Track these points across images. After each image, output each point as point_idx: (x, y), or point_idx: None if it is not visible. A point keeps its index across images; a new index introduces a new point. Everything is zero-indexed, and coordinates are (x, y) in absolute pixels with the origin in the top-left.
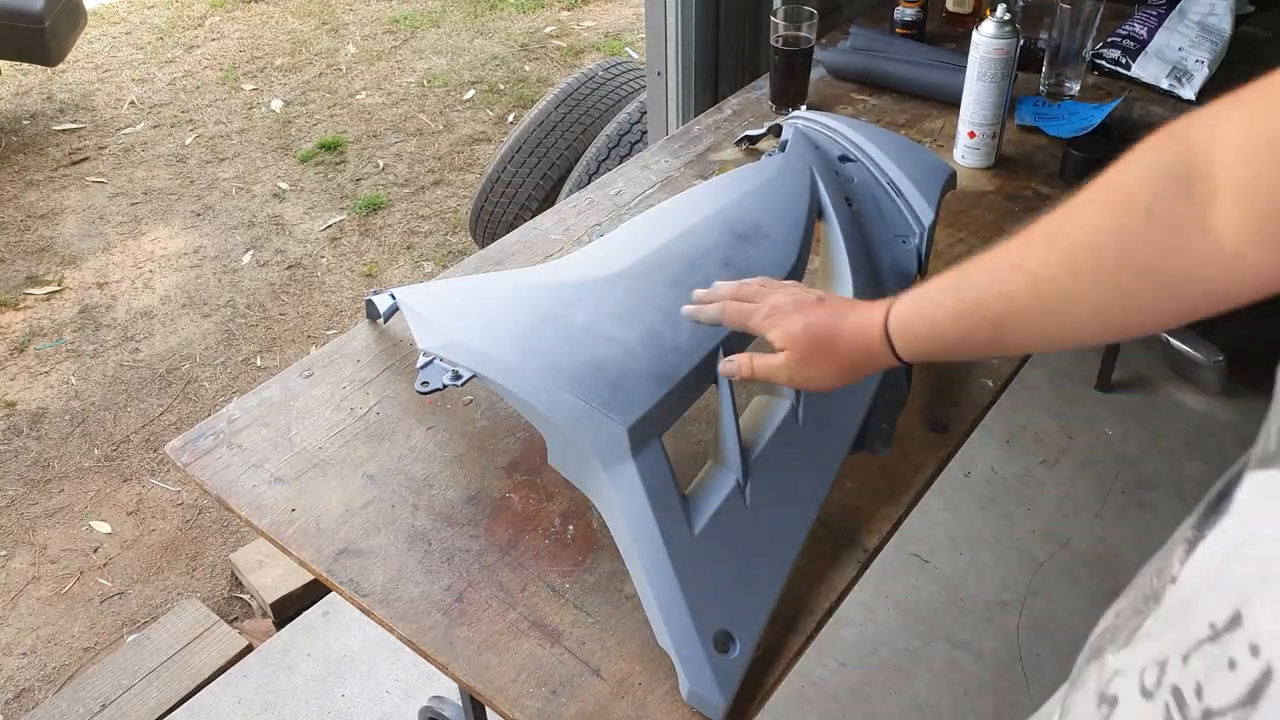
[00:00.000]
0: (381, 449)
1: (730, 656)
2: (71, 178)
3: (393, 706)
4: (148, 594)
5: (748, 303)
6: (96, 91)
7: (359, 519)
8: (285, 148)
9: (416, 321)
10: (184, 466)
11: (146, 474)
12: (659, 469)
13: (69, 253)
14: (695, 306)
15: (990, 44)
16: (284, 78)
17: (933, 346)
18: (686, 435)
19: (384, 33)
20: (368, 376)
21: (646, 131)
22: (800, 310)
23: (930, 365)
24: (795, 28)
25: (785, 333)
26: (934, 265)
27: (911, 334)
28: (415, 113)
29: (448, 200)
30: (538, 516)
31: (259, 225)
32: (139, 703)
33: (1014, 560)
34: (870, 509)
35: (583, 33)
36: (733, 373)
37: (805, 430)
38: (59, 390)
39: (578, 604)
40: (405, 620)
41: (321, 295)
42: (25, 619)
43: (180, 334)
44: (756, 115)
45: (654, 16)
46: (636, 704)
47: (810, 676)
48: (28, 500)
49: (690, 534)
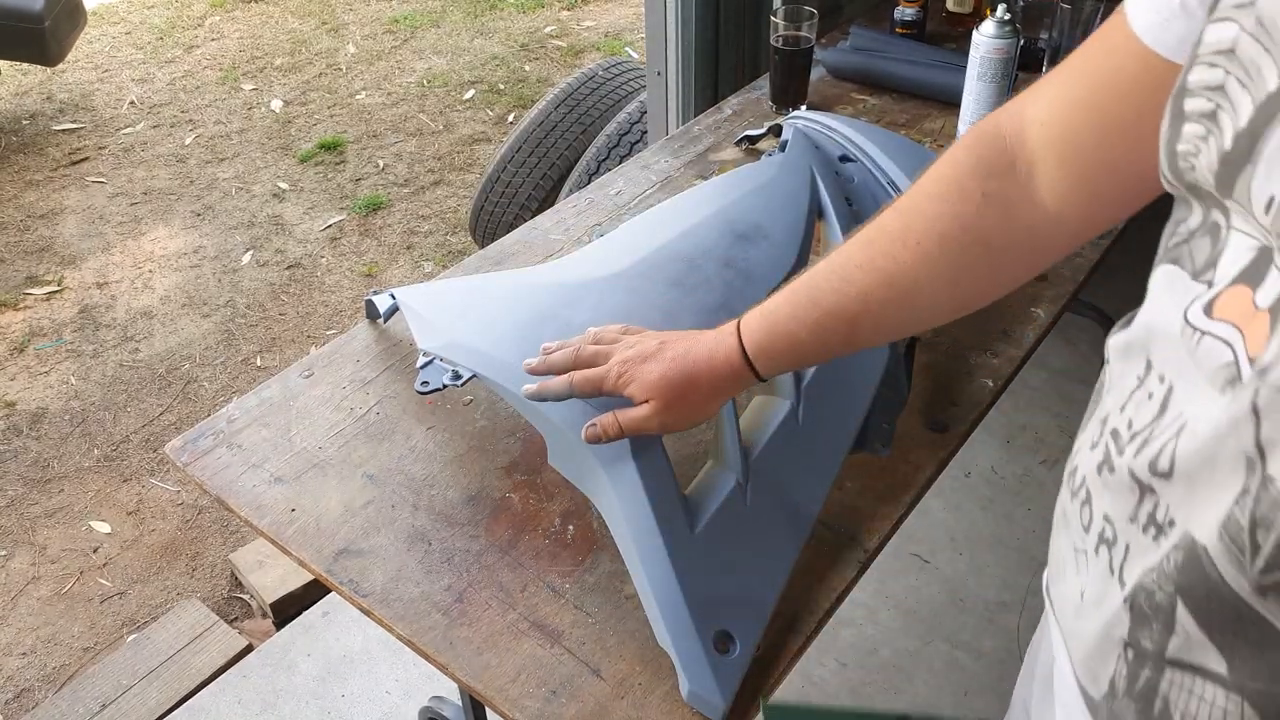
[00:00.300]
0: (381, 449)
1: (730, 657)
2: (71, 178)
3: (393, 706)
4: (148, 594)
5: (591, 367)
6: (96, 91)
7: (359, 519)
8: (285, 148)
9: (416, 321)
10: (184, 466)
11: (146, 474)
12: (659, 469)
13: (69, 253)
14: (538, 386)
15: (990, 44)
16: (284, 78)
17: (792, 359)
18: (686, 435)
19: (384, 33)
20: (368, 376)
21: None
22: (649, 360)
23: (931, 365)
24: (795, 28)
25: (644, 385)
26: None
27: (773, 352)
28: (415, 113)
29: (448, 200)
30: (538, 516)
31: (259, 225)
32: (139, 703)
33: (1014, 560)
34: (870, 509)
35: (583, 33)
36: (597, 436)
37: (805, 431)
38: (59, 390)
39: (578, 604)
40: (405, 620)
41: (321, 295)
42: (25, 619)
43: (180, 334)
44: (756, 115)
45: (654, 16)
46: (636, 704)
47: (810, 676)
48: (28, 500)
49: (690, 534)
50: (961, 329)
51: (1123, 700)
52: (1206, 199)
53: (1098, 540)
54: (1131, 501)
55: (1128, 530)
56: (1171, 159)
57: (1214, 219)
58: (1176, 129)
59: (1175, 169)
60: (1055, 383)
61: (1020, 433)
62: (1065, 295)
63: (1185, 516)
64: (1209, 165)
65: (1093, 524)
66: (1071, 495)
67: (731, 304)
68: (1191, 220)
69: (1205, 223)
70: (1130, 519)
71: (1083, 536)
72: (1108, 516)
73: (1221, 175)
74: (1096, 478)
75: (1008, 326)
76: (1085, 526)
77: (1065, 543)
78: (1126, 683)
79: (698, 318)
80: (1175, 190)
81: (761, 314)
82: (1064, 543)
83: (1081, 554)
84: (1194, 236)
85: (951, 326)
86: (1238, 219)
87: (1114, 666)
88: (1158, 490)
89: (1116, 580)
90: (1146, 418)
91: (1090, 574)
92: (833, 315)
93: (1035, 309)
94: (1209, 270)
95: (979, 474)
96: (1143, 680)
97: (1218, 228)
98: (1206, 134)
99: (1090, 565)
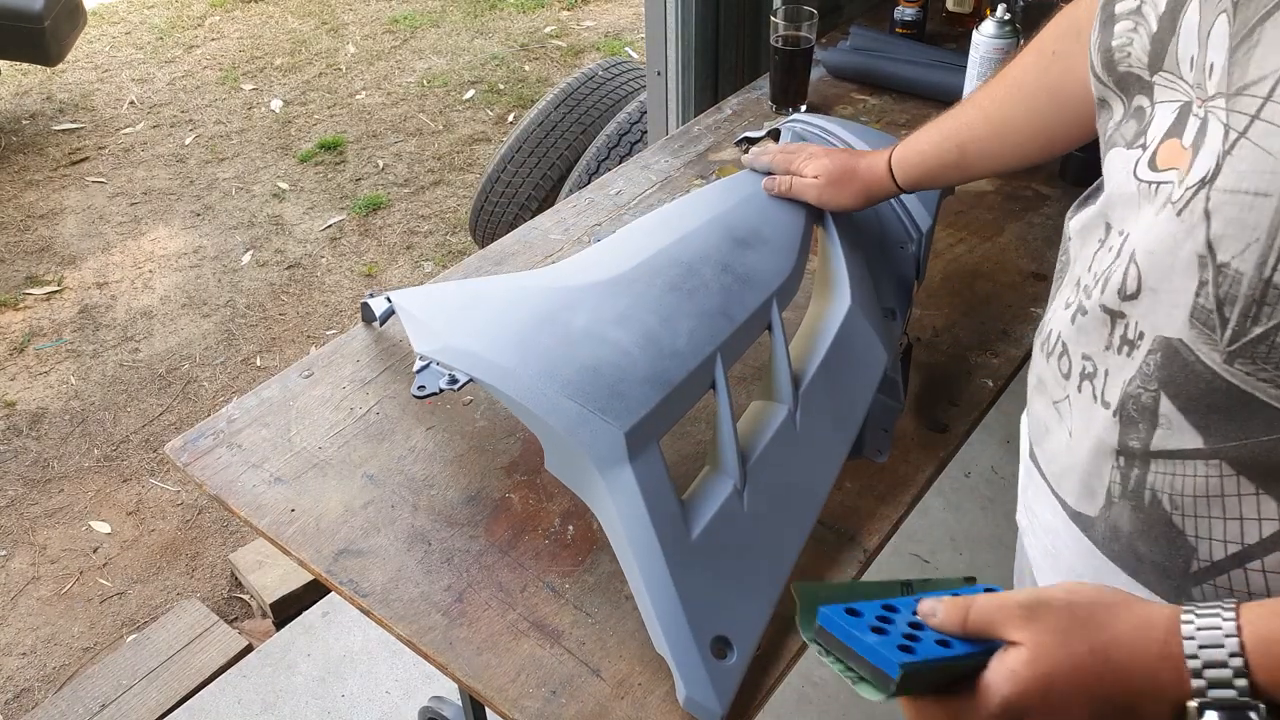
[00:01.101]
0: (381, 449)
1: (727, 663)
2: (71, 178)
3: (393, 706)
4: (148, 594)
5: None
6: (96, 91)
7: (359, 519)
8: (285, 148)
9: (412, 325)
10: (184, 466)
11: (146, 474)
12: (656, 474)
13: (69, 253)
14: (752, 157)
15: (990, 44)
16: (284, 78)
17: (920, 171)
18: (686, 436)
19: (384, 33)
20: (368, 376)
21: (646, 131)
22: (827, 155)
23: (931, 365)
24: (795, 28)
25: (817, 167)
26: (933, 267)
27: (906, 162)
28: (415, 113)
29: (448, 200)
30: (538, 516)
31: (259, 225)
32: (139, 703)
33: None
34: (870, 509)
35: (583, 33)
36: (771, 187)
37: (803, 436)
38: (59, 390)
39: (578, 604)
40: (405, 620)
41: (321, 295)
42: (25, 619)
43: (180, 334)
44: (756, 115)
45: (654, 16)
46: (636, 704)
47: (810, 677)
48: (28, 500)
49: (687, 539)
50: (961, 329)
51: (1118, 505)
52: (1132, 87)
53: (1079, 379)
54: (1105, 332)
55: (1104, 358)
56: (1106, 55)
57: (1137, 104)
58: (1108, 30)
59: (1109, 64)
60: None
61: (1020, 433)
62: None
63: (1153, 324)
64: (1142, 49)
65: (1072, 368)
66: (1046, 356)
67: (729, 309)
68: (1115, 114)
69: (1129, 110)
70: (1105, 347)
71: (1062, 385)
72: (1085, 355)
73: (1153, 54)
74: (1070, 327)
75: (1008, 326)
76: (1065, 374)
77: (1042, 405)
78: (1120, 487)
79: (696, 322)
80: (1103, 87)
81: (911, 136)
82: (1040, 406)
83: (1063, 403)
84: (1121, 124)
85: (951, 326)
86: (1162, 93)
87: (1108, 477)
88: (1126, 313)
89: (1100, 404)
90: (1106, 263)
91: (1074, 414)
92: (949, 138)
93: (1035, 309)
94: (1140, 138)
95: (979, 474)
96: (1133, 479)
97: (1142, 110)
98: (1135, 26)
99: (1073, 407)
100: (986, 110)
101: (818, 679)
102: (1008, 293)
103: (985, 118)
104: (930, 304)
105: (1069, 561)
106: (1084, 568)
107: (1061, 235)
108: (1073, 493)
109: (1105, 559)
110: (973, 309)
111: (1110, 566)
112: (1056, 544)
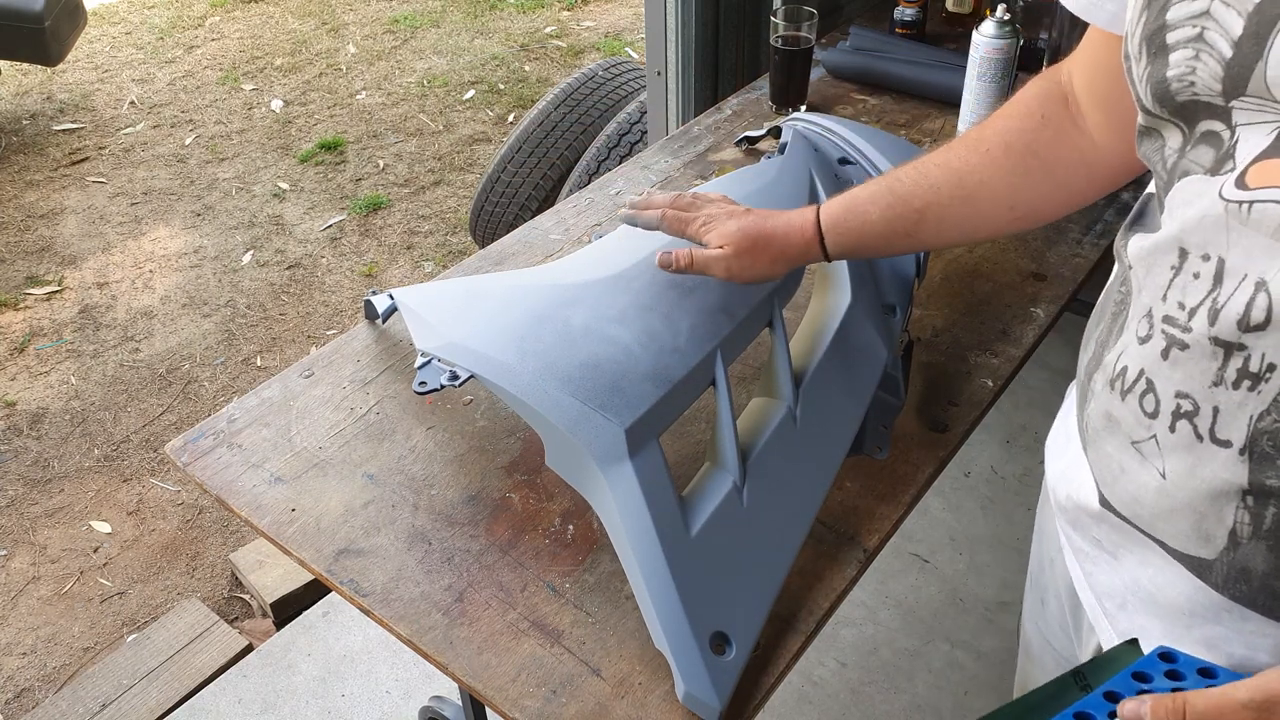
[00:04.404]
0: (381, 449)
1: (726, 659)
2: (71, 178)
3: (393, 706)
4: (148, 594)
5: (684, 213)
6: (96, 91)
7: (359, 519)
8: (285, 148)
9: (414, 322)
10: (184, 466)
11: (146, 474)
12: (656, 470)
13: (69, 253)
14: (634, 211)
15: (990, 44)
16: (284, 78)
17: (859, 239)
18: (686, 434)
19: (384, 33)
20: (368, 376)
21: (646, 131)
22: (732, 217)
23: (930, 365)
24: (795, 28)
25: (721, 234)
26: (933, 267)
27: (843, 228)
28: (415, 113)
29: (448, 200)
30: (538, 516)
31: (259, 225)
32: (139, 703)
33: (1014, 560)
34: (870, 509)
35: (583, 33)
36: (669, 263)
37: (802, 433)
38: (59, 390)
39: (578, 604)
40: (405, 620)
41: (321, 295)
42: (25, 619)
43: (180, 334)
44: (756, 115)
45: (654, 16)
46: (636, 704)
47: (810, 676)
48: (28, 500)
49: (687, 536)
50: (961, 329)
51: (1249, 545)
52: (1199, 114)
53: (1172, 418)
54: (1213, 367)
55: (1209, 394)
56: (1160, 87)
57: (1205, 130)
58: (1161, 61)
59: (1163, 95)
60: (1055, 383)
61: (1020, 433)
62: (1065, 295)
63: None
64: (1212, 76)
65: (1160, 407)
66: (1122, 395)
67: (730, 306)
68: (1171, 142)
69: (1191, 137)
70: (1214, 383)
71: (1146, 425)
72: (1181, 392)
73: (1231, 79)
74: (1162, 362)
75: (1007, 326)
76: (1150, 413)
77: (1115, 445)
78: (1252, 527)
79: (696, 319)
80: (1154, 119)
81: (843, 196)
82: (1113, 446)
83: (1146, 443)
84: (1188, 150)
85: (951, 326)
86: (1245, 115)
87: (1233, 518)
88: (1249, 345)
89: (1211, 442)
90: (1200, 293)
91: (1166, 455)
92: (904, 201)
93: (1035, 309)
94: (1226, 162)
95: (979, 474)
96: (1269, 518)
97: (1215, 135)
98: (1196, 54)
99: (1162, 447)
100: (958, 172)
101: (818, 678)
102: (1008, 293)
103: (956, 180)
104: (930, 304)
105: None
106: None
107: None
108: (1177, 536)
109: (1230, 601)
110: (973, 309)
111: (1237, 609)
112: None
